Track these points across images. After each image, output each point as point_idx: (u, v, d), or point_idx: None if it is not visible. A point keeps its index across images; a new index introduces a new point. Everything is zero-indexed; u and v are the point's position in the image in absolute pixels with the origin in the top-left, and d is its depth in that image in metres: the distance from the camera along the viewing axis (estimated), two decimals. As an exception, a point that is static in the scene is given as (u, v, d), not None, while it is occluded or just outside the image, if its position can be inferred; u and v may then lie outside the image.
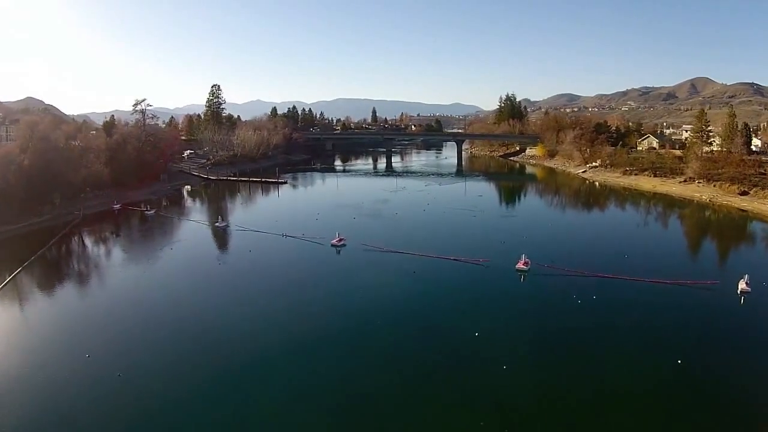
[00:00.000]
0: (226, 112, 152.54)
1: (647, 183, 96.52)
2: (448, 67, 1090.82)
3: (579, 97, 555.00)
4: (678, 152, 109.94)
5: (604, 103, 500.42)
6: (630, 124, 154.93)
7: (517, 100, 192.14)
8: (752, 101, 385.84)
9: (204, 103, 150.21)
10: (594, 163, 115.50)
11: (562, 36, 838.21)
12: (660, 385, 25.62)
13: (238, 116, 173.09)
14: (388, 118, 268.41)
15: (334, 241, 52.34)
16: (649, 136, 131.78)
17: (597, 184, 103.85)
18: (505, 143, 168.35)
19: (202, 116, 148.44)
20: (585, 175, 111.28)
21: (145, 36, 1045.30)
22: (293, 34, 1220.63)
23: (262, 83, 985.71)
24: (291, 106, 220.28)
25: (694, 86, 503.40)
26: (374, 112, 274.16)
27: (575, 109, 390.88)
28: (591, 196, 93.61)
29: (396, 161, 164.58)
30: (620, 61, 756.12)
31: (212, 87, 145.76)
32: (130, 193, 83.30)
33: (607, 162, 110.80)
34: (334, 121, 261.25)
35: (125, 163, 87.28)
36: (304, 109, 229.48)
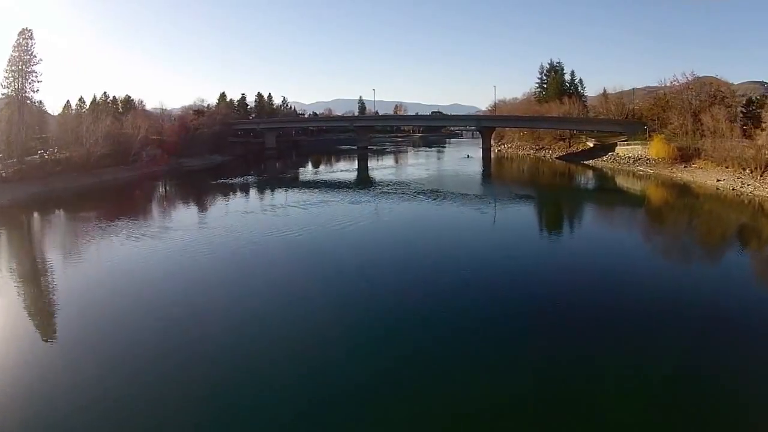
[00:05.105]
0: (38, 85, 67.36)
1: None
2: (447, 67, 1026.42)
3: (582, 96, 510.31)
4: None
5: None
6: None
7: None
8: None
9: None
10: None
11: (563, 35, 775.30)
12: None
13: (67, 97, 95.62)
14: (380, 112, 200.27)
15: None
16: None
17: None
18: (562, 137, 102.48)
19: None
20: None
21: (145, 35, 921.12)
22: (288, 32, 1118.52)
23: (256, 82, 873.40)
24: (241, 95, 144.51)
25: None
26: (361, 102, 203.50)
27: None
28: None
29: (378, 166, 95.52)
30: (624, 61, 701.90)
31: (19, 34, 70.46)
32: None
33: None
34: (311, 114, 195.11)
35: None
36: (242, 95, 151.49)
